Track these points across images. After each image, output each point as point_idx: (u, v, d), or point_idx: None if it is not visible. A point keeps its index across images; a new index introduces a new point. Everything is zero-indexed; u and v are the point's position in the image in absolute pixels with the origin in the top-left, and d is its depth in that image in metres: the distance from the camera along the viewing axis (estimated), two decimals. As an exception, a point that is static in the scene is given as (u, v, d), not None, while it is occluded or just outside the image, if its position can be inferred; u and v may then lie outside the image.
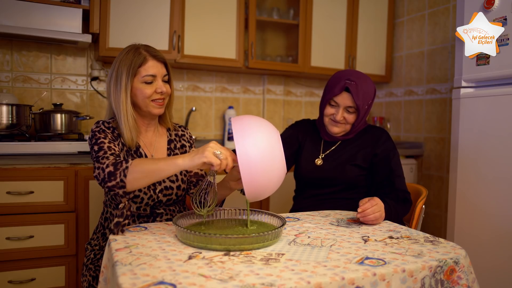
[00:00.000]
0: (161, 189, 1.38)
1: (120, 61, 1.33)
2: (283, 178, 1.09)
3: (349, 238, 1.10)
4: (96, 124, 1.35)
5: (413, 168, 2.89)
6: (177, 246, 0.99)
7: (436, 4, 2.85)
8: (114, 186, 1.14)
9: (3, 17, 2.05)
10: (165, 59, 1.39)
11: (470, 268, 0.99)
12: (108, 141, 1.28)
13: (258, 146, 1.01)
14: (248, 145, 1.00)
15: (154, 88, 1.34)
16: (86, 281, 1.37)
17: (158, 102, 1.36)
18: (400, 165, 1.57)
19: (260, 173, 1.01)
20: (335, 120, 1.56)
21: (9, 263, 1.83)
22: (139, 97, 1.33)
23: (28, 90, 2.41)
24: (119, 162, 1.16)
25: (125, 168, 1.14)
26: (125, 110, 1.31)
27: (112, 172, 1.15)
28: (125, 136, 1.33)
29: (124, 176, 1.13)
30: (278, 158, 1.04)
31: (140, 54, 1.33)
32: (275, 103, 3.10)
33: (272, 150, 1.03)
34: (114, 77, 1.33)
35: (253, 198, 1.08)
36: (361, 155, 1.57)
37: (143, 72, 1.32)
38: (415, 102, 3.01)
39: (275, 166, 1.03)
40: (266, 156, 1.01)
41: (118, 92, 1.31)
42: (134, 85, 1.33)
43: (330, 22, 2.91)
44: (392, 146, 1.59)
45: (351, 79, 1.52)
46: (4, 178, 1.81)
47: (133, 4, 2.32)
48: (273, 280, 0.79)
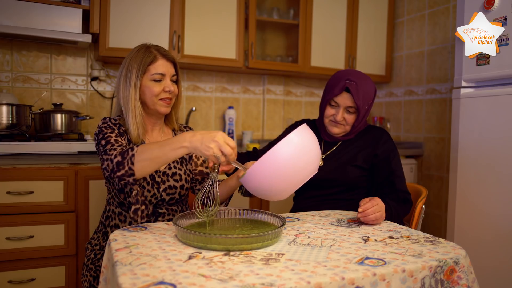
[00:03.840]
0: (165, 188, 1.39)
1: (131, 59, 1.35)
2: (287, 191, 1.13)
3: (349, 238, 1.10)
4: (103, 120, 1.36)
5: (413, 168, 2.89)
6: (177, 246, 0.99)
7: (436, 4, 2.85)
8: (124, 175, 1.15)
9: (3, 17, 2.05)
10: (174, 59, 1.42)
11: (470, 268, 0.99)
12: (115, 136, 1.30)
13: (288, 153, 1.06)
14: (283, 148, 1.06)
15: (162, 87, 1.36)
16: (87, 281, 1.37)
17: (166, 101, 1.38)
18: (401, 165, 1.57)
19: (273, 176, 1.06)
20: (335, 120, 1.55)
21: (9, 263, 1.83)
22: (147, 94, 1.35)
23: (28, 90, 2.41)
24: (125, 151, 1.17)
25: (131, 156, 1.15)
26: (133, 107, 1.33)
27: (120, 161, 1.15)
28: (132, 132, 1.34)
29: (132, 163, 1.14)
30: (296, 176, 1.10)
31: (150, 52, 1.35)
32: (275, 103, 3.10)
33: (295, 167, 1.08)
34: (124, 74, 1.35)
35: (251, 188, 1.12)
36: (362, 156, 1.57)
37: (152, 70, 1.34)
38: (415, 102, 3.01)
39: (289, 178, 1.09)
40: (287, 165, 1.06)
41: (127, 89, 1.33)
42: (143, 82, 1.35)
43: (330, 22, 2.91)
44: (393, 146, 1.58)
45: (351, 79, 1.51)
46: (4, 178, 1.81)
47: (133, 4, 2.32)
48: (273, 280, 0.79)
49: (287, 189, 1.12)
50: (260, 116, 3.08)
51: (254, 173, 1.08)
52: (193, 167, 1.52)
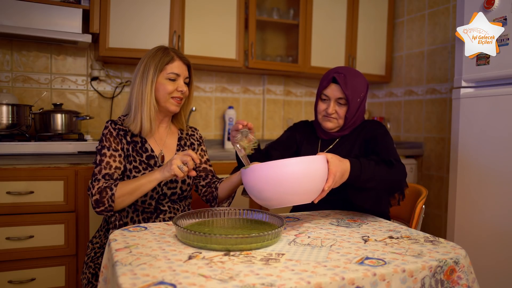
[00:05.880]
0: (166, 183, 1.45)
1: (149, 58, 1.45)
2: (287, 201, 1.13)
3: (349, 238, 1.10)
4: (106, 123, 1.45)
5: (413, 168, 2.89)
6: (177, 246, 0.99)
7: (436, 4, 2.85)
8: (103, 211, 1.31)
9: (3, 17, 2.05)
10: (189, 63, 1.52)
11: (470, 268, 0.99)
12: (110, 154, 1.38)
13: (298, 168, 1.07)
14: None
15: (175, 86, 1.45)
16: (86, 279, 1.39)
17: (177, 100, 1.47)
18: (391, 143, 1.49)
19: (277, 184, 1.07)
20: (328, 114, 1.56)
21: (9, 263, 1.83)
22: (160, 92, 1.44)
23: (28, 90, 2.41)
24: (104, 189, 1.30)
25: (111, 195, 1.29)
26: (149, 102, 1.41)
27: (99, 200, 1.30)
28: (146, 126, 1.42)
29: (112, 201, 1.29)
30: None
31: (168, 53, 1.46)
32: (275, 103, 3.10)
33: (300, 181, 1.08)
34: (141, 70, 1.44)
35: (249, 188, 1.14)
36: (356, 150, 1.56)
37: (169, 69, 1.44)
38: (415, 102, 3.01)
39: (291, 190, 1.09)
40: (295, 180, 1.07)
41: (143, 85, 1.42)
42: (159, 80, 1.43)
43: (330, 22, 2.91)
44: (382, 130, 1.53)
45: (340, 72, 1.54)
46: (4, 178, 1.81)
47: (133, 4, 2.32)
48: (273, 280, 0.79)
49: (275, 201, 1.11)
50: (260, 116, 3.08)
51: (255, 170, 1.09)
52: (197, 164, 1.57)
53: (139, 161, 1.42)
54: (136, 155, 1.42)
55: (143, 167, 1.42)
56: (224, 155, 2.35)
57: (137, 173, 1.40)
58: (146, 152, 1.45)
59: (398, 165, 1.35)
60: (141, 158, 1.43)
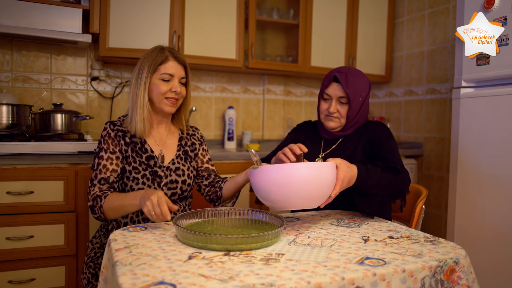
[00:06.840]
0: (166, 183, 1.44)
1: (145, 58, 1.43)
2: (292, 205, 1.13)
3: (349, 238, 1.10)
4: (105, 125, 1.44)
5: (413, 168, 2.89)
6: (177, 246, 0.99)
7: (436, 4, 2.85)
8: (98, 218, 1.32)
9: (3, 17, 2.05)
10: (186, 62, 1.48)
11: (470, 268, 0.99)
12: (107, 157, 1.38)
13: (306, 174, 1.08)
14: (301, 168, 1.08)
15: (169, 87, 1.42)
16: (86, 279, 1.39)
17: (171, 100, 1.44)
18: (395, 147, 1.51)
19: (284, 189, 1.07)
20: (330, 113, 1.56)
21: (9, 263, 1.83)
22: (154, 92, 1.42)
23: (28, 90, 2.41)
24: (95, 198, 1.31)
25: (99, 207, 1.29)
26: (141, 102, 1.40)
27: (92, 207, 1.31)
28: (139, 127, 1.40)
29: (101, 212, 1.30)
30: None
31: (163, 53, 1.43)
32: (275, 103, 3.10)
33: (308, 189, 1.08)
34: (137, 71, 1.43)
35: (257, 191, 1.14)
36: (360, 151, 1.56)
37: (162, 70, 1.41)
38: (415, 102, 3.01)
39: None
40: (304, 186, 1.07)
41: (138, 85, 1.41)
42: (152, 80, 1.42)
43: (330, 22, 2.91)
44: (386, 132, 1.54)
45: (341, 71, 1.55)
46: (4, 178, 1.81)
47: (133, 4, 2.32)
48: (273, 280, 0.79)
49: (282, 204, 1.11)
50: (260, 116, 3.08)
51: (264, 172, 1.10)
52: (199, 164, 1.58)
53: (139, 162, 1.42)
54: (136, 155, 1.42)
55: (143, 167, 1.42)
56: (224, 155, 2.35)
57: (137, 174, 1.40)
58: (145, 153, 1.44)
59: (403, 172, 1.39)
60: (141, 159, 1.42)
